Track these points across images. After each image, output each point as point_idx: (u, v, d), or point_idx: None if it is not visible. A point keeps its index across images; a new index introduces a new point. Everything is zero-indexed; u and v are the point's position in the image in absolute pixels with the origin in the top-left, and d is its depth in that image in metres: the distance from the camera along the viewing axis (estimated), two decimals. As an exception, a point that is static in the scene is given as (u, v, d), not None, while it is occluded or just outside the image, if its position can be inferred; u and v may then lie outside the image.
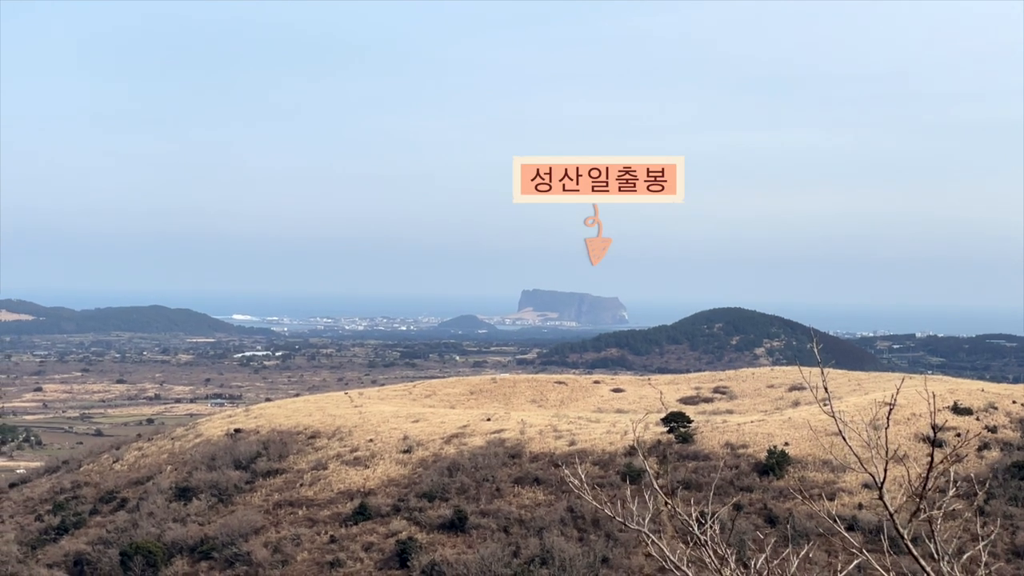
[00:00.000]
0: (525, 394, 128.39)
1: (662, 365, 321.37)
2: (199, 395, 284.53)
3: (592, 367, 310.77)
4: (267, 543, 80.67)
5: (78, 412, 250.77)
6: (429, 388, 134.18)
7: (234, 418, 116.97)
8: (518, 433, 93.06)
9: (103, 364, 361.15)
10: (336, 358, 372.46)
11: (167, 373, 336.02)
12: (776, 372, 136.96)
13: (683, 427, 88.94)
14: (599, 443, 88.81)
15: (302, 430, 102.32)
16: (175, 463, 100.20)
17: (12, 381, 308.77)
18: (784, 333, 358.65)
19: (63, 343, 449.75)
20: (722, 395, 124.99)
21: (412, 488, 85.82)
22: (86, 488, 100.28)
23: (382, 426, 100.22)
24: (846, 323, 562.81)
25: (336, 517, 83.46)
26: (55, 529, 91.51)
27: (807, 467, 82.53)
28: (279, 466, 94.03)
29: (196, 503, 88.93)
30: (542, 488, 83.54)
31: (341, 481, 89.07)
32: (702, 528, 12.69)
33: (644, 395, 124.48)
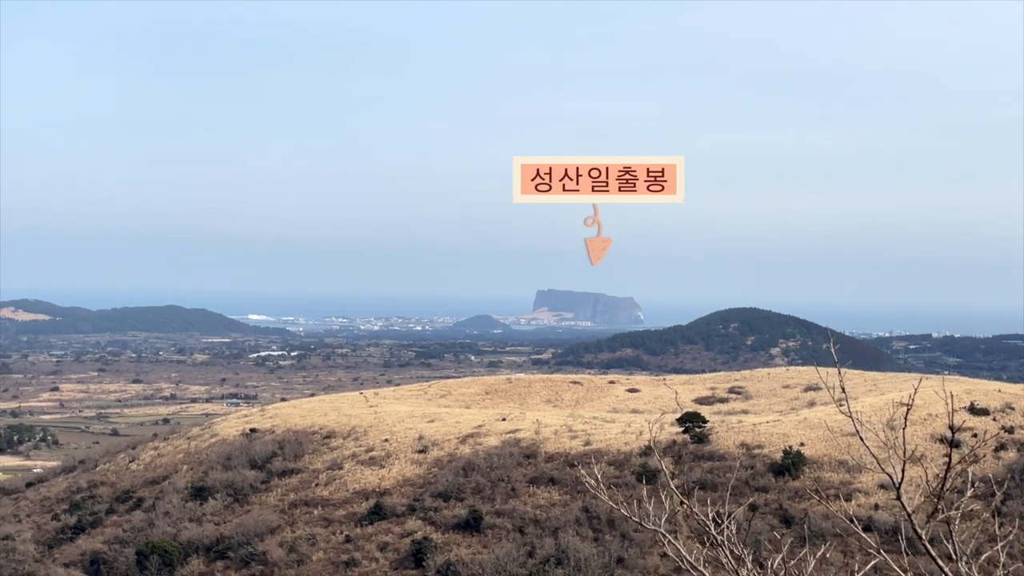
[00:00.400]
0: (540, 394, 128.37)
1: (677, 365, 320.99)
2: (215, 395, 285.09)
3: (607, 367, 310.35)
4: (282, 543, 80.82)
5: (94, 412, 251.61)
6: (444, 388, 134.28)
7: (250, 418, 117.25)
8: (533, 433, 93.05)
9: (119, 364, 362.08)
10: (351, 358, 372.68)
11: (183, 373, 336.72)
12: (791, 372, 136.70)
13: (698, 427, 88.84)
14: (614, 443, 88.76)
15: (317, 430, 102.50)
16: (191, 463, 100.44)
17: (29, 381, 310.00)
18: (799, 333, 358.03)
19: (79, 343, 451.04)
20: (737, 395, 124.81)
21: (427, 488, 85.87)
22: (102, 487, 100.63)
23: (397, 426, 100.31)
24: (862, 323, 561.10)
25: (351, 517, 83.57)
26: (72, 528, 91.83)
27: (823, 467, 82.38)
28: (294, 466, 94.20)
29: (212, 503, 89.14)
30: (557, 488, 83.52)
31: (356, 481, 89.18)
32: (719, 528, 12.67)
33: (659, 395, 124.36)
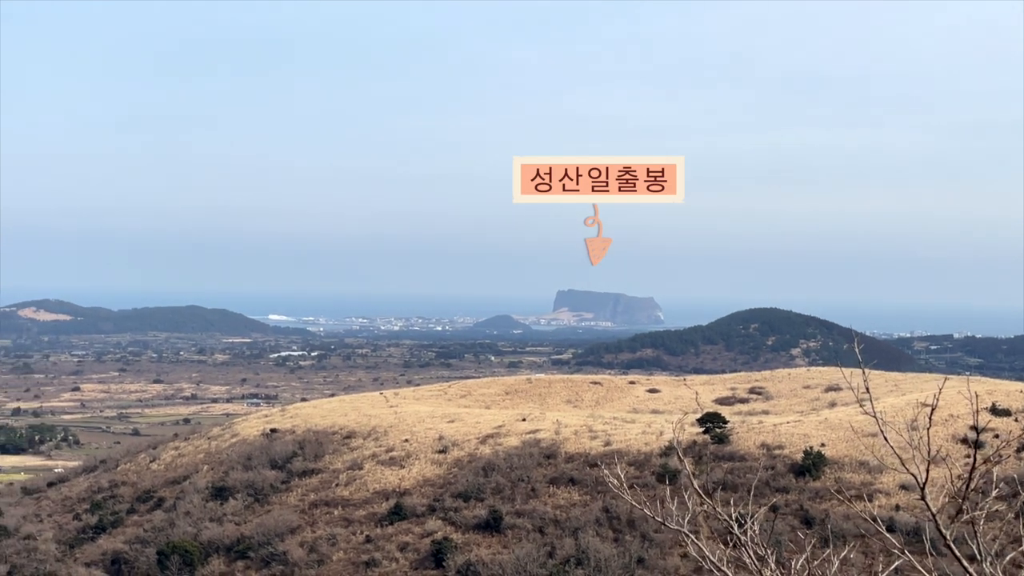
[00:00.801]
0: (560, 394, 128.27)
1: (697, 366, 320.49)
2: (235, 395, 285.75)
3: (627, 367, 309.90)
4: (303, 543, 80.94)
5: (115, 412, 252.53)
6: (464, 388, 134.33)
7: (270, 418, 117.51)
8: (553, 433, 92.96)
9: (140, 364, 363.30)
10: (371, 358, 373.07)
11: (203, 373, 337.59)
12: (812, 373, 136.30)
13: (719, 428, 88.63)
14: (634, 443, 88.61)
15: (338, 430, 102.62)
16: (211, 463, 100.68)
17: (50, 381, 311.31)
18: (820, 334, 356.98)
19: (101, 343, 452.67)
20: (758, 396, 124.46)
21: (447, 488, 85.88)
22: (123, 487, 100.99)
23: (417, 426, 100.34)
24: (883, 323, 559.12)
25: (372, 517, 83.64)
26: (93, 528, 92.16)
27: (843, 468, 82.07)
28: (315, 466, 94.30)
29: (232, 503, 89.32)
30: (577, 488, 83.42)
31: (377, 481, 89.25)
32: (741, 528, 12.62)
33: (679, 396, 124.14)
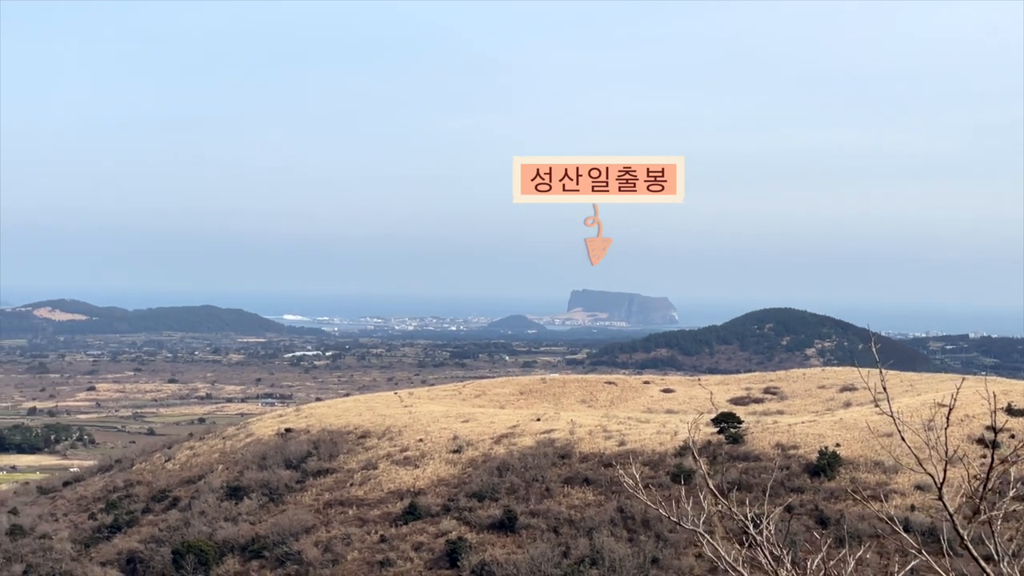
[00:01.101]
0: (575, 394, 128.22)
1: (712, 365, 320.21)
2: (250, 395, 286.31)
3: (642, 367, 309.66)
4: (317, 542, 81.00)
5: (131, 411, 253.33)
6: (479, 388, 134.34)
7: (285, 418, 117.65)
8: (568, 433, 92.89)
9: (155, 364, 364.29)
10: (386, 358, 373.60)
11: (218, 373, 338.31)
12: (827, 373, 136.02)
13: (733, 428, 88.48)
14: (649, 443, 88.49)
15: (352, 430, 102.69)
16: (226, 462, 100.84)
17: (66, 380, 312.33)
18: (835, 334, 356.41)
19: (116, 343, 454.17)
20: (772, 396, 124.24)
21: (462, 488, 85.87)
22: (139, 487, 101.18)
23: (432, 426, 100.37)
24: (898, 323, 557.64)
25: (386, 517, 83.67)
26: (108, 527, 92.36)
27: (858, 468, 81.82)
28: (329, 466, 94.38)
29: (247, 502, 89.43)
30: (592, 488, 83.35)
31: (391, 481, 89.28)
32: (757, 528, 12.58)
33: (694, 396, 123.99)
